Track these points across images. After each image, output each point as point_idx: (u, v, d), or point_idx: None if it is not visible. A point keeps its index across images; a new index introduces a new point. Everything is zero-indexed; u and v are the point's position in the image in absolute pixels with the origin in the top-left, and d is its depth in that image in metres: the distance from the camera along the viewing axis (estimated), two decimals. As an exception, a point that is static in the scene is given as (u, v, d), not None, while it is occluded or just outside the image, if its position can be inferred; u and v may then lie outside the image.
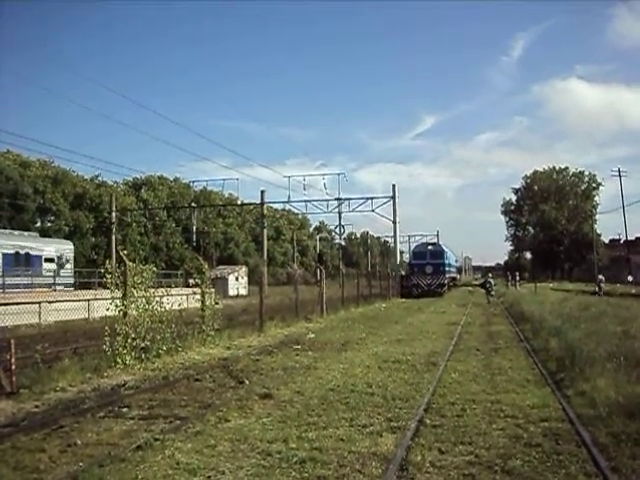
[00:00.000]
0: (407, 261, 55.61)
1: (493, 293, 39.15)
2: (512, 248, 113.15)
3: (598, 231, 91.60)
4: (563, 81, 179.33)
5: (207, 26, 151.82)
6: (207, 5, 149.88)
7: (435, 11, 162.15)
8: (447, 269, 52.22)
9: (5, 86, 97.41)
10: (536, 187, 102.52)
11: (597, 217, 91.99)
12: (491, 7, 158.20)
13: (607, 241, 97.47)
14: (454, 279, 68.01)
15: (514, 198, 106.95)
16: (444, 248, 55.61)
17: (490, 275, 43.39)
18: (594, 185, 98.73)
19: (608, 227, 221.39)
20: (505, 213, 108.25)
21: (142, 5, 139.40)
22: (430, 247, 52.80)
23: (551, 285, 59.67)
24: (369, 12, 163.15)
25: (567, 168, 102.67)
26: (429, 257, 49.99)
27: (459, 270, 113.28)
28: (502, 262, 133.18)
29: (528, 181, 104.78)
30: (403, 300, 42.42)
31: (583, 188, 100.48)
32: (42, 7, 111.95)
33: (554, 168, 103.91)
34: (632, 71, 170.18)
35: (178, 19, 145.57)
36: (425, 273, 48.89)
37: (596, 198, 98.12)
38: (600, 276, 41.87)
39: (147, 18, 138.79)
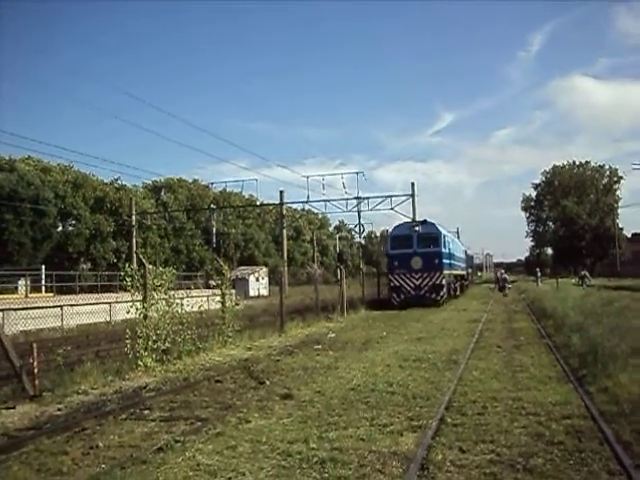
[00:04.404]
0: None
1: (510, 286, 42.55)
2: (533, 244, 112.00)
3: (620, 225, 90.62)
4: (578, 77, 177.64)
5: (223, 26, 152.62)
6: (222, 5, 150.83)
7: (452, 7, 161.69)
8: (446, 262, 33.69)
9: (28, 93, 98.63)
10: (556, 182, 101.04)
11: (619, 211, 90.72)
12: (509, 1, 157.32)
13: (630, 235, 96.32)
14: (462, 278, 45.56)
15: (534, 193, 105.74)
16: (440, 229, 33.99)
17: (503, 271, 46.04)
18: (615, 179, 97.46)
19: (630, 221, 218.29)
20: (525, 209, 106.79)
21: (157, 5, 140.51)
22: (418, 228, 32.42)
23: (573, 281, 59.03)
24: (386, 11, 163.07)
25: (588, 162, 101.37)
26: (417, 244, 31.71)
27: (478, 267, 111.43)
28: (523, 258, 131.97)
29: (548, 176, 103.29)
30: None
31: (604, 182, 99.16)
32: (52, 7, 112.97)
33: (574, 162, 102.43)
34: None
35: (194, 19, 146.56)
36: (411, 269, 31.37)
37: (617, 192, 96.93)
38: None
39: (162, 18, 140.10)
